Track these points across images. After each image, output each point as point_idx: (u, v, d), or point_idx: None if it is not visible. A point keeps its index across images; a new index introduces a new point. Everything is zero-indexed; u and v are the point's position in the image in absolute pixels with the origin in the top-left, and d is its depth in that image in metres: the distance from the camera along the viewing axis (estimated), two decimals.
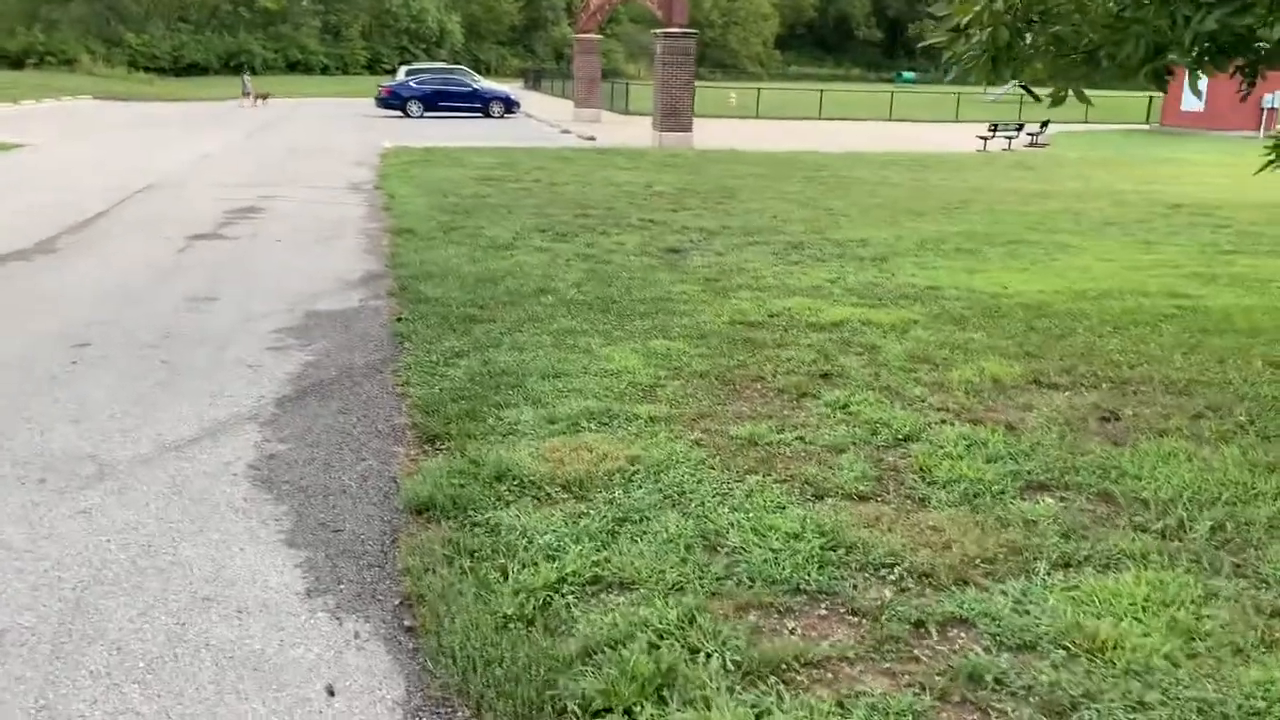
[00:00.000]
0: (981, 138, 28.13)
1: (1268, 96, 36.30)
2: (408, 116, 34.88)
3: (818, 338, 6.82)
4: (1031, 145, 29.40)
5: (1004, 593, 3.29)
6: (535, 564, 3.44)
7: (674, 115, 25.15)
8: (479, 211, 12.93)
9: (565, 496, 4.05)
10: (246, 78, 45.98)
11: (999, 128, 28.44)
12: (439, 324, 6.94)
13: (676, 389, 5.54)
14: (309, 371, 5.90)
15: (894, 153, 25.72)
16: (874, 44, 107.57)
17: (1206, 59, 4.36)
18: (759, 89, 45.68)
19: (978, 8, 4.55)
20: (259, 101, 42.11)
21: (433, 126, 30.78)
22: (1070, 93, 5.45)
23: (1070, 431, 4.97)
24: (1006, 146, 28.42)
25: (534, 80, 64.20)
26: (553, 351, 6.24)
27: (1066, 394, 5.69)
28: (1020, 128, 29.18)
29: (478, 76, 42.42)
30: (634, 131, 29.51)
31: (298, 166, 18.73)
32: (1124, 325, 7.65)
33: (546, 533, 3.68)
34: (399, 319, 7.17)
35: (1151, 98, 44.24)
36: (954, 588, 3.34)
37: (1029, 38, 4.60)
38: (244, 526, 3.80)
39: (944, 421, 5.07)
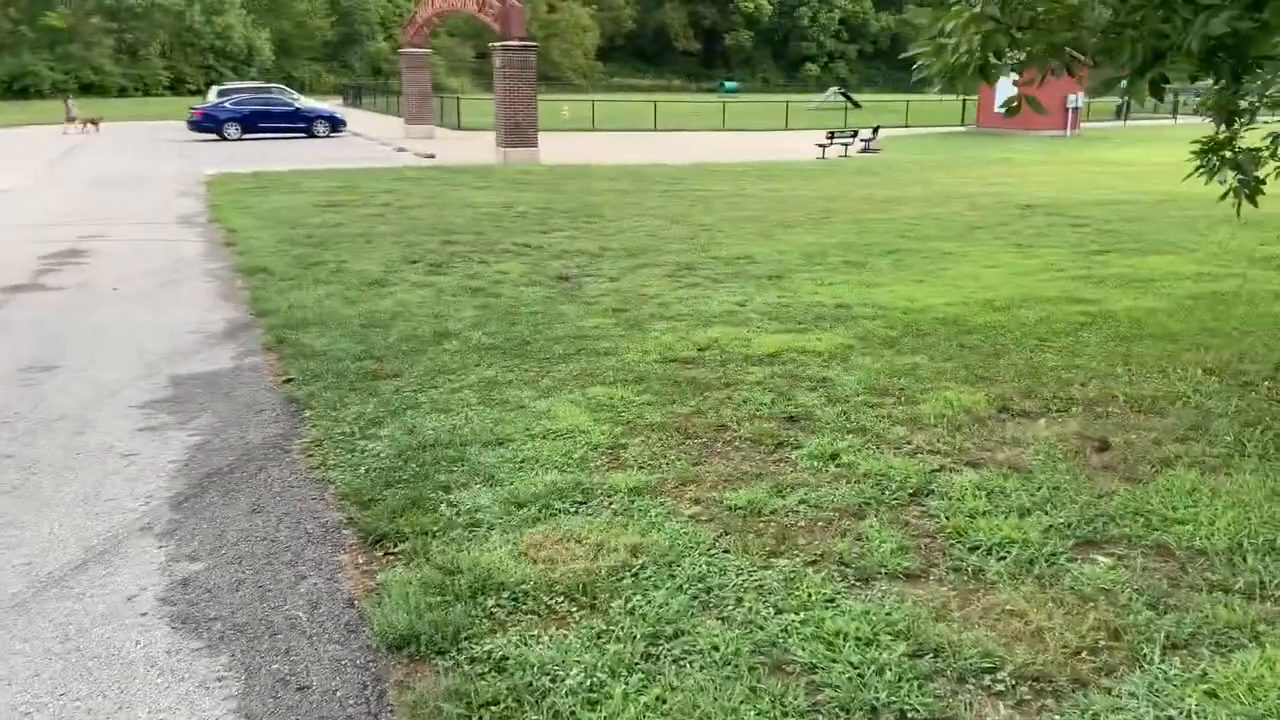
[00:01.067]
0: (820, 145, 28.59)
1: (1072, 97, 38.55)
2: (224, 139, 32.74)
3: (761, 373, 6.32)
4: (865, 151, 30.13)
5: (1133, 694, 2.82)
6: (576, 716, 2.74)
7: (518, 130, 24.42)
8: (335, 243, 11.89)
9: (572, 609, 3.35)
10: (71, 102, 41.84)
11: (836, 135, 28.99)
12: (337, 383, 6.05)
13: (640, 448, 4.90)
14: (199, 457, 4.94)
15: (739, 163, 25.76)
16: (692, 54, 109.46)
17: (1210, 64, 4.08)
18: (592, 101, 45.39)
19: (967, 15, 4.13)
20: (88, 127, 38.13)
21: (255, 149, 28.93)
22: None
23: (1077, 468, 4.62)
24: (844, 153, 29.00)
25: (354, 97, 61.92)
26: (483, 410, 5.48)
27: (1043, 421, 5.38)
28: (855, 134, 29.86)
29: (298, 95, 40.45)
30: (474, 148, 28.58)
31: (115, 200, 17.00)
32: (1046, 337, 7.50)
33: (571, 665, 2.97)
34: (287, 380, 6.23)
35: (965, 100, 46.46)
36: (1074, 693, 2.84)
37: (1021, 44, 4.22)
38: (177, 694, 2.92)
39: (944, 468, 4.62)
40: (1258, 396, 5.89)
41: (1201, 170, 6.42)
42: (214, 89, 39.71)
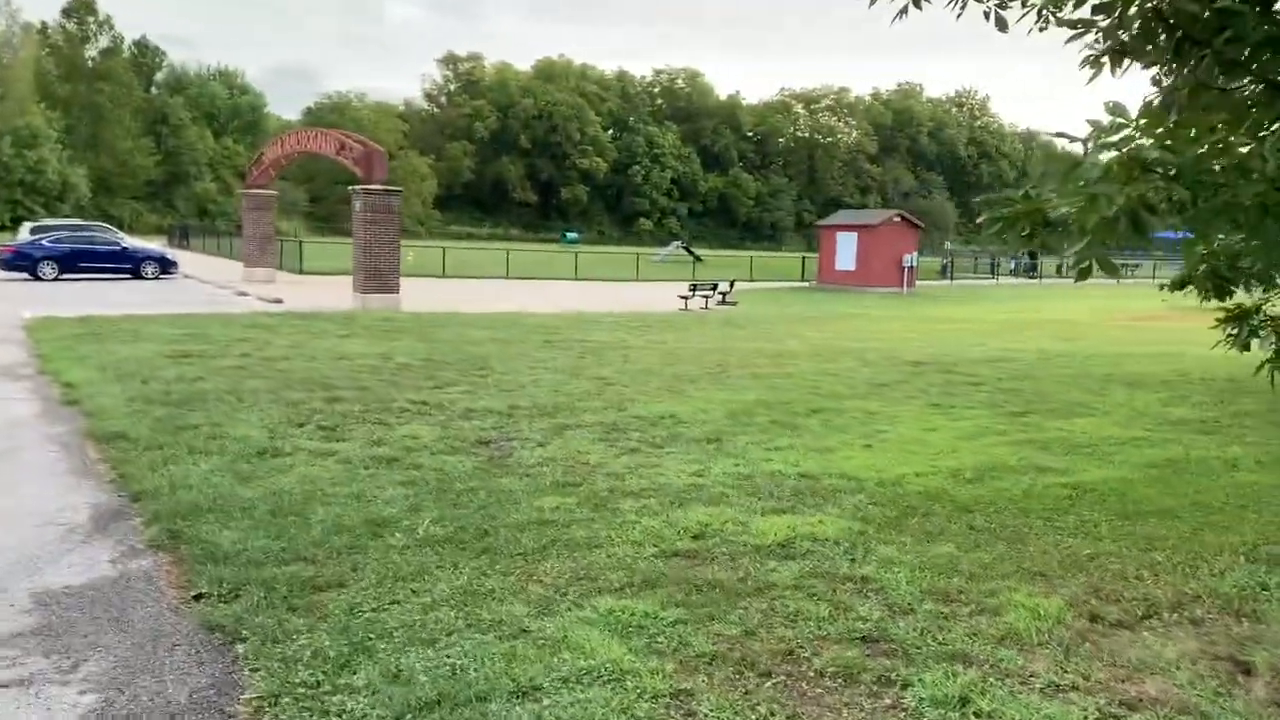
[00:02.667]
0: (683, 296, 28.54)
1: (907, 257, 40.52)
2: (39, 279, 29.98)
3: (786, 571, 5.33)
4: (722, 303, 30.28)
5: None
6: None
7: (378, 276, 23.18)
8: (200, 402, 10.29)
9: None
10: None
11: (697, 287, 29.06)
12: (268, 599, 4.67)
13: (713, 697, 3.77)
14: None
15: (609, 313, 25.27)
16: (529, 206, 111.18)
17: None
18: (442, 248, 44.62)
19: (1121, 162, 3.46)
20: None
21: (77, 291, 26.47)
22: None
23: (1253, 708, 3.80)
24: (705, 305, 29.02)
25: (181, 237, 59.05)
26: (478, 639, 4.23)
27: (1149, 635, 4.59)
28: (714, 286, 30.05)
29: (123, 234, 37.94)
30: (324, 293, 27.02)
31: None
32: (1048, 516, 6.89)
33: None
34: (198, 595, 4.78)
35: (805, 258, 48.28)
36: None
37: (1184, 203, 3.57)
38: None
39: (1104, 713, 3.71)
40: None
41: (1232, 341, 6.03)
42: (26, 225, 36.75)
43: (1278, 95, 3.72)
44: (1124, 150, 3.54)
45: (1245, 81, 3.82)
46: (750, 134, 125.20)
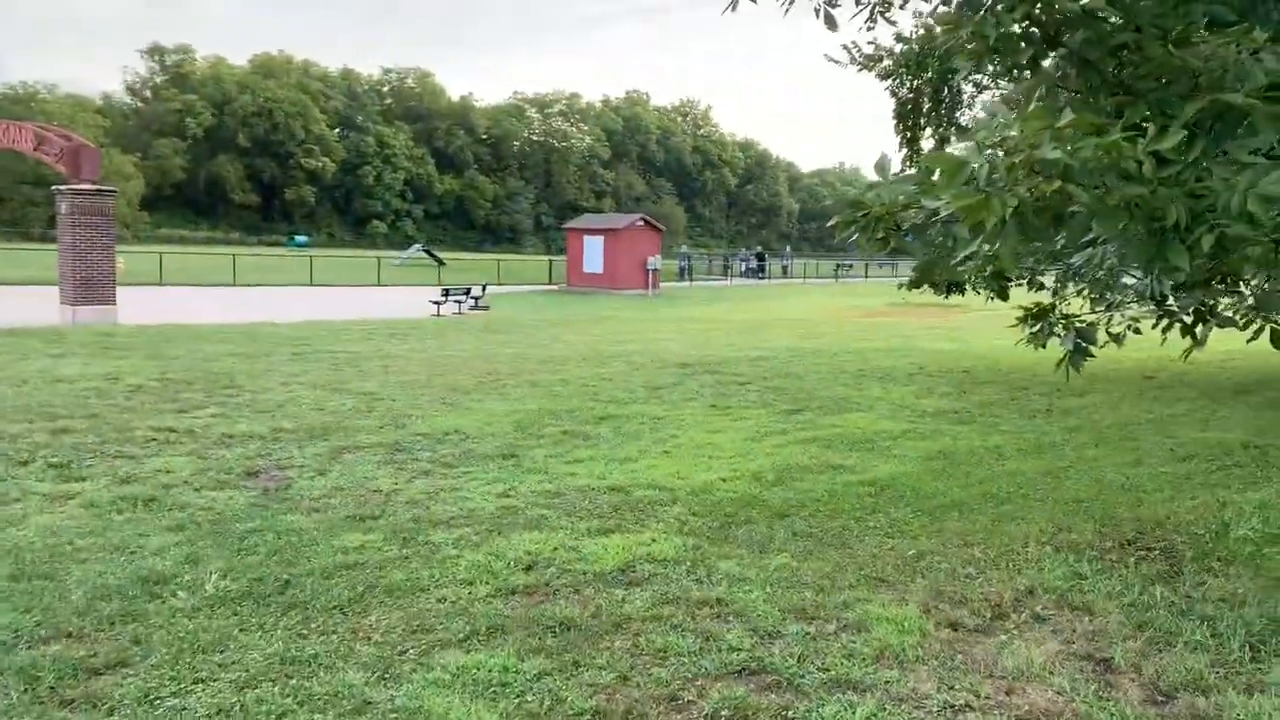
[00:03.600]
0: (435, 302, 27.58)
1: (651, 259, 41.35)
2: None
3: (639, 600, 4.97)
4: (475, 308, 29.60)
5: None
6: None
7: (91, 286, 20.72)
8: None
9: None
10: None
11: (451, 292, 28.19)
12: (32, 694, 3.76)
13: None
14: None
15: (357, 321, 23.94)
16: (250, 208, 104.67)
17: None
18: (159, 254, 40.89)
19: (1016, 160, 3.37)
20: None
21: None
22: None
23: (1140, 711, 3.83)
24: (459, 310, 28.22)
25: None
26: None
27: (1009, 639, 4.60)
28: (468, 291, 29.29)
29: None
30: (19, 306, 23.83)
31: None
32: (859, 516, 6.98)
33: None
34: None
35: (552, 261, 48.23)
36: None
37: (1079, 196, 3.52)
38: None
39: None
40: (1130, 574, 5.61)
41: (1034, 338, 6.26)
42: None
43: (1138, 100, 3.78)
44: (1024, 149, 3.44)
45: (1101, 84, 3.87)
46: (485, 136, 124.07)
